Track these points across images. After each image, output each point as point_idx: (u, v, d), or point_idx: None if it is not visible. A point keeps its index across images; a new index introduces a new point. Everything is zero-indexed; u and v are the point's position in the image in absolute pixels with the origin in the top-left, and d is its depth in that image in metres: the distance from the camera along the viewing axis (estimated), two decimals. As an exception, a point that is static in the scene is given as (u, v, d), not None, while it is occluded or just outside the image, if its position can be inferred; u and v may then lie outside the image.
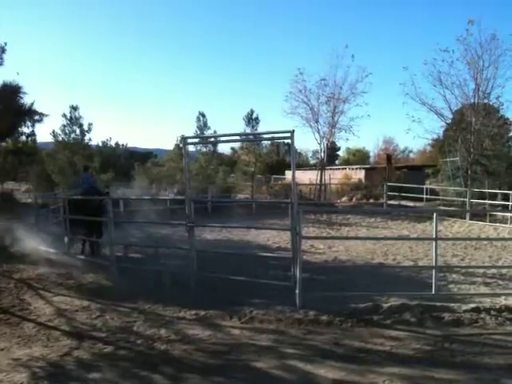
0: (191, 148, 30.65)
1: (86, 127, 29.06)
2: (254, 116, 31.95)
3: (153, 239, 13.87)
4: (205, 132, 32.79)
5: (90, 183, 12.59)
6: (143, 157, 45.00)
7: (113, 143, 44.89)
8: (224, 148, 43.50)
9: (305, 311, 6.87)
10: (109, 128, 74.12)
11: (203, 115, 33.41)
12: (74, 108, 28.85)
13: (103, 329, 6.47)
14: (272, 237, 15.15)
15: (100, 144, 41.48)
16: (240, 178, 32.01)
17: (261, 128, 31.68)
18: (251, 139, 23.76)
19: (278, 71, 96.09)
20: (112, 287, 8.57)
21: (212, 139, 22.57)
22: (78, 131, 28.98)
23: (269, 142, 37.47)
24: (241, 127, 31.97)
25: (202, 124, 33.31)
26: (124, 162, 40.58)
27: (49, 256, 10.74)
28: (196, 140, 24.26)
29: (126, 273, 9.25)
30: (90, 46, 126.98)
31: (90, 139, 29.95)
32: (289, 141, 7.95)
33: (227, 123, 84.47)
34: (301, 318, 6.65)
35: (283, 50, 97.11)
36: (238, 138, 21.06)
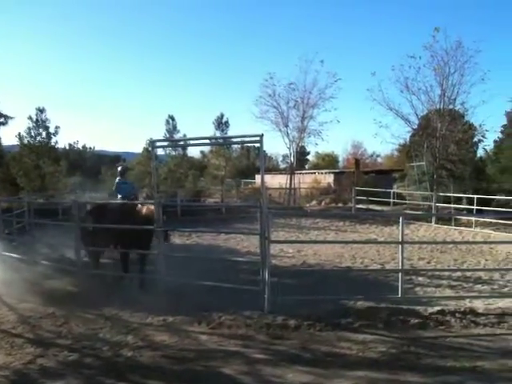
0: (160, 151, 30.37)
1: (52, 130, 28.56)
2: (224, 120, 32.04)
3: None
4: (174, 135, 32.60)
5: (128, 191, 10.20)
6: (111, 160, 44.43)
7: (80, 146, 44.20)
8: (194, 152, 43.30)
9: (273, 316, 6.86)
10: (76, 131, 72.97)
11: (172, 118, 33.27)
12: (41, 110, 28.35)
13: (68, 336, 6.33)
14: (241, 241, 15.14)
15: (67, 147, 40.73)
16: (210, 181, 31.95)
17: (231, 132, 31.81)
18: (221, 143, 23.78)
19: (248, 75, 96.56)
20: (78, 293, 8.38)
21: (181, 142, 22.47)
22: (44, 134, 28.45)
23: (239, 145, 37.55)
24: (211, 131, 31.98)
25: (172, 127, 33.13)
26: (92, 165, 39.98)
27: (12, 261, 10.44)
28: (165, 143, 24.12)
29: (93, 278, 9.07)
30: (57, 47, 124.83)
31: (56, 142, 29.47)
32: (258, 145, 7.95)
33: (197, 127, 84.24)
34: (269, 323, 6.64)
35: (254, 54, 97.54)
36: (207, 141, 21.05)
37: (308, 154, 57.13)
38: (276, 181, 33.17)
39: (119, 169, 10.90)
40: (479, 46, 23.06)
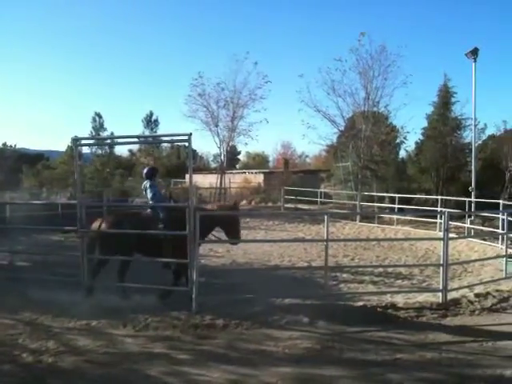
0: (86, 150, 29.41)
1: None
2: (154, 118, 31.51)
3: (42, 246, 13.08)
4: (101, 133, 31.65)
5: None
6: (34, 159, 42.42)
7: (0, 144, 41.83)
8: (121, 150, 42.28)
9: (201, 316, 6.84)
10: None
11: (99, 116, 32.33)
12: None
13: (-16, 344, 5.97)
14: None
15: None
16: (138, 181, 31.26)
17: (160, 130, 31.43)
18: (149, 141, 23.35)
19: (179, 73, 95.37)
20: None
21: (108, 141, 21.87)
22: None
23: (169, 145, 37.03)
24: (139, 129, 31.36)
25: (98, 125, 32.17)
26: (12, 164, 37.97)
27: None
28: (90, 141, 23.36)
29: (11, 283, 8.62)
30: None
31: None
32: (187, 144, 7.88)
33: (125, 125, 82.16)
34: (197, 323, 6.61)
35: (184, 52, 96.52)
36: (135, 140, 20.60)
37: (239, 153, 57.45)
38: (207, 180, 33.06)
39: (145, 170, 8.93)
40: (402, 50, 24.24)
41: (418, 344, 6.03)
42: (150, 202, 8.69)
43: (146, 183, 8.67)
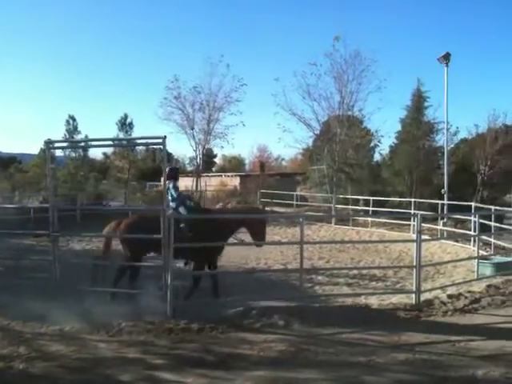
0: (59, 153, 28.93)
1: None
2: (129, 121, 31.16)
3: (14, 250, 12.81)
4: (75, 136, 31.17)
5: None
6: (6, 162, 41.62)
7: (-31, 146, 40.89)
8: (96, 153, 41.74)
9: (176, 320, 6.79)
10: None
11: (73, 119, 31.80)
12: None
13: (-49, 351, 5.81)
14: (145, 245, 14.78)
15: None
16: (113, 184, 30.95)
17: (135, 133, 31.03)
18: (123, 144, 23.11)
19: (154, 76, 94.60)
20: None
21: (82, 144, 21.49)
22: None
23: (144, 147, 36.73)
24: (114, 132, 30.99)
25: (72, 128, 31.65)
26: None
27: None
28: (63, 144, 22.96)
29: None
30: None
31: None
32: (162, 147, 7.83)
33: (99, 128, 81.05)
34: (171, 327, 6.56)
35: (159, 55, 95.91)
36: (109, 142, 20.35)
37: (215, 156, 57.24)
38: (183, 183, 32.76)
39: (167, 172, 8.48)
40: (376, 55, 24.54)
41: (392, 345, 6.10)
42: (171, 204, 8.53)
43: (169, 184, 8.54)
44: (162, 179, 8.31)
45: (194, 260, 8.31)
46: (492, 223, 13.41)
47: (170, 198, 8.53)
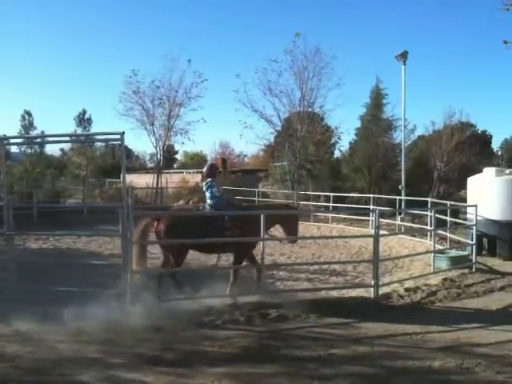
0: (15, 149, 28.11)
1: None
2: (87, 116, 30.56)
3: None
4: (31, 132, 30.33)
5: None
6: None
7: None
8: (53, 149, 40.65)
9: (136, 318, 6.69)
10: None
11: (29, 114, 30.98)
12: None
13: None
14: (104, 243, 14.53)
15: None
16: (71, 181, 30.22)
17: (94, 129, 30.60)
18: (81, 140, 22.62)
19: (113, 70, 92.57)
20: None
21: (38, 140, 20.99)
22: None
23: (103, 143, 36.03)
24: (72, 128, 30.32)
25: (28, 123, 30.82)
26: None
27: None
28: (19, 140, 22.34)
29: None
30: None
31: None
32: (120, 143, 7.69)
33: (57, 123, 78.80)
34: (131, 326, 6.46)
35: (118, 49, 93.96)
36: (67, 138, 19.89)
37: (176, 153, 56.73)
38: (143, 180, 32.44)
39: (206, 170, 9.01)
40: (336, 52, 24.82)
41: (352, 338, 6.22)
42: (208, 201, 8.68)
43: (208, 182, 8.71)
44: (122, 175, 8.18)
45: (235, 253, 8.68)
46: (448, 218, 13.81)
47: (209, 195, 8.63)
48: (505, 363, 5.36)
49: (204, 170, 9.10)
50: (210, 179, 8.72)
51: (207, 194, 8.67)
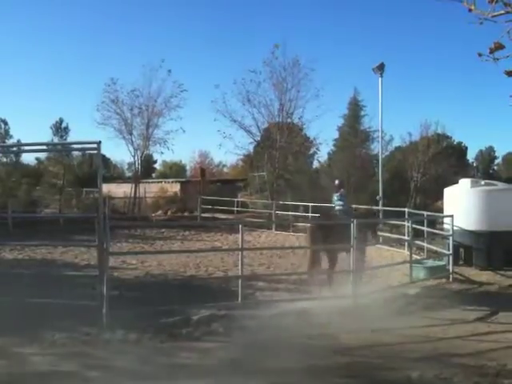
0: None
1: None
2: (64, 125, 30.20)
3: None
4: (6, 141, 29.84)
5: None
6: None
7: None
8: (29, 158, 40.03)
9: (112, 330, 6.58)
10: None
11: (5, 122, 30.51)
12: None
13: None
14: (81, 254, 14.28)
15: None
16: (47, 191, 29.72)
17: (71, 138, 30.26)
18: (57, 149, 22.36)
19: (91, 79, 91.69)
20: None
21: (14, 148, 20.63)
22: None
23: (80, 153, 35.62)
24: (48, 137, 29.93)
25: (4, 132, 30.32)
26: None
27: None
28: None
29: None
30: None
31: None
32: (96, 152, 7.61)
33: (33, 132, 77.64)
34: (108, 339, 6.35)
35: (97, 57, 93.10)
36: (43, 147, 19.65)
37: (155, 162, 56.50)
38: (121, 190, 32.14)
39: (338, 182, 11.08)
40: (314, 64, 25.07)
41: (333, 349, 6.19)
42: (342, 208, 10.35)
43: (342, 192, 10.59)
44: (98, 185, 8.09)
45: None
46: (425, 228, 13.94)
47: (340, 202, 10.37)
48: (482, 373, 5.40)
49: (336, 182, 11.02)
50: (343, 190, 10.56)
51: (340, 203, 10.35)
